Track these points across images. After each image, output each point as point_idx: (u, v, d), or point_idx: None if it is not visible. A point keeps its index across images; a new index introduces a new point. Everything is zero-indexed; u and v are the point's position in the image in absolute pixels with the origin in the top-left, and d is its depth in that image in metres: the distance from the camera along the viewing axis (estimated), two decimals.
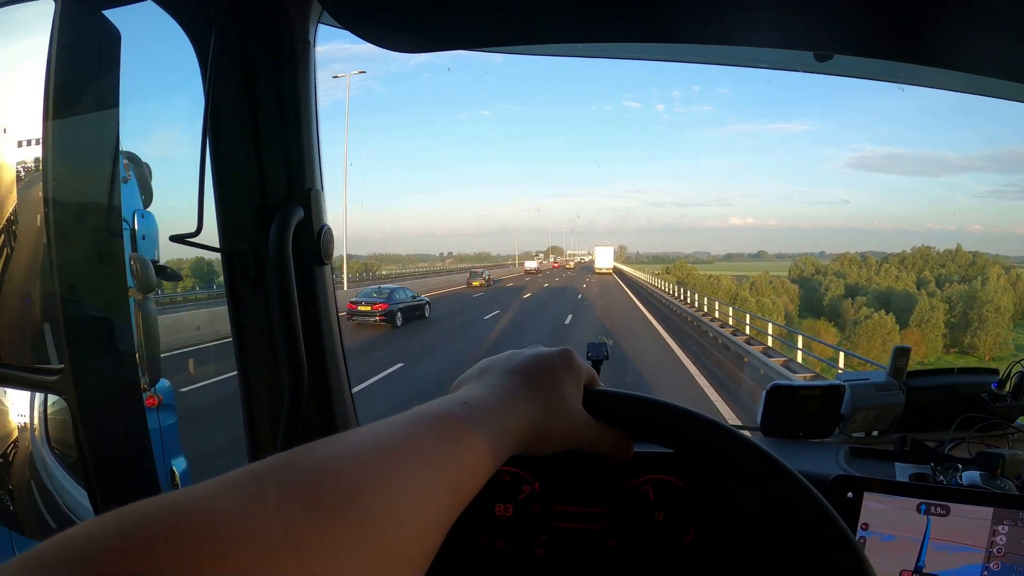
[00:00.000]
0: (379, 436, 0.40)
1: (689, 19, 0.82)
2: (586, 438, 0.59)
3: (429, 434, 0.42)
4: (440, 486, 0.40)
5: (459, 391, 0.54)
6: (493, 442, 0.47)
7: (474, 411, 0.48)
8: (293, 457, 0.36)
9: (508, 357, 0.60)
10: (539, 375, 0.57)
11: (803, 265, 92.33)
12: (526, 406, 0.53)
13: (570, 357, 0.60)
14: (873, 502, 0.89)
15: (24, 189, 0.89)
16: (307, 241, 0.84)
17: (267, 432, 0.88)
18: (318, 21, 0.84)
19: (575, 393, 0.59)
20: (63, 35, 0.82)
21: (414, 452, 0.40)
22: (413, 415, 0.44)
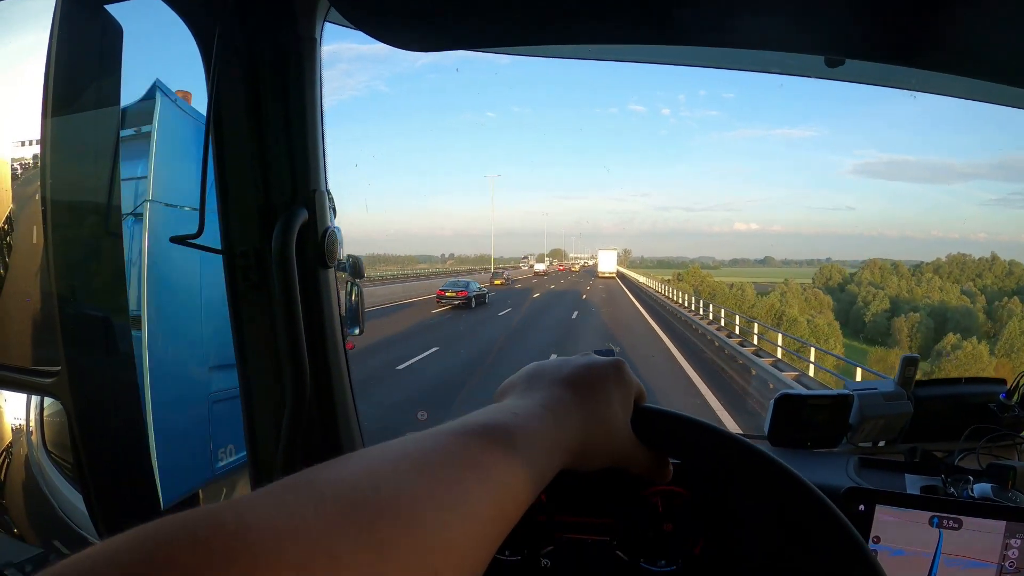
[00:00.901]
0: (425, 447, 0.38)
1: (700, 21, 0.81)
2: (631, 458, 0.57)
3: (477, 446, 0.40)
4: (489, 501, 0.38)
5: (507, 399, 0.51)
6: (544, 456, 0.45)
7: (525, 423, 0.45)
8: (333, 471, 0.33)
9: (559, 365, 0.57)
10: (590, 388, 0.54)
11: (829, 273, 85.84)
12: (576, 420, 0.50)
13: (621, 370, 0.57)
14: (885, 515, 0.88)
15: (22, 187, 0.87)
16: (311, 243, 0.82)
17: (269, 436, 0.87)
18: (325, 18, 0.83)
19: (624, 409, 0.56)
20: (64, 30, 0.80)
21: (461, 465, 0.38)
22: (461, 425, 0.42)
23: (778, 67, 1.06)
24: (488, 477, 0.38)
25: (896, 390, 1.22)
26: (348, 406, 0.91)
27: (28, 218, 0.87)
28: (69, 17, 0.81)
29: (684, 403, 11.13)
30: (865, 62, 0.99)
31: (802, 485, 0.52)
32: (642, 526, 0.89)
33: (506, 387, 0.55)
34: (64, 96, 0.83)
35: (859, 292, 71.63)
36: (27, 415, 0.93)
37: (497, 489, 0.39)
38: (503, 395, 0.54)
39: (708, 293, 67.62)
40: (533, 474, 0.42)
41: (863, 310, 66.45)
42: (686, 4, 0.76)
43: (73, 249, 0.87)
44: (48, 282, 0.83)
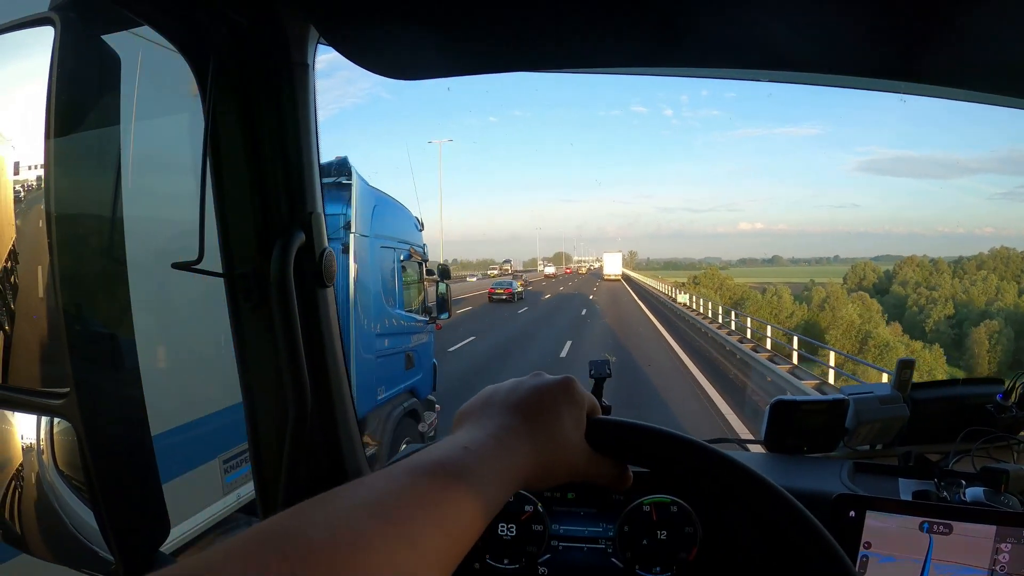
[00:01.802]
0: (379, 489, 0.40)
1: (693, 45, 0.82)
2: (587, 471, 0.59)
3: (429, 484, 0.43)
4: (440, 534, 0.40)
5: (459, 432, 0.53)
6: (495, 484, 0.47)
7: (474, 455, 0.48)
8: (293, 520, 0.36)
9: (510, 389, 0.59)
10: (540, 410, 0.56)
11: (862, 272, 77.46)
12: (527, 445, 0.53)
13: (571, 388, 0.59)
14: (875, 520, 0.89)
15: (26, 210, 0.89)
16: (309, 264, 0.84)
17: (272, 454, 0.89)
18: (317, 43, 0.84)
19: (576, 425, 0.58)
20: (63, 60, 0.82)
21: (413, 504, 0.40)
22: (414, 463, 0.44)
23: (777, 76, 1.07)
24: (440, 514, 0.41)
25: (892, 393, 1.23)
26: (349, 422, 0.92)
27: (33, 242, 0.89)
28: (68, 47, 0.82)
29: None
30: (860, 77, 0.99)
31: (759, 480, 0.53)
32: (637, 534, 0.91)
33: (462, 414, 0.58)
34: (65, 122, 0.85)
35: (907, 294, 64.92)
36: (37, 436, 0.95)
37: (449, 524, 0.41)
38: (460, 422, 0.56)
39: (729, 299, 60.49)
40: (484, 505, 0.45)
41: (918, 316, 57.21)
42: (683, 31, 0.77)
43: (79, 271, 0.88)
44: (55, 305, 0.85)
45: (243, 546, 0.33)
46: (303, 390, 0.84)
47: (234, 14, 0.77)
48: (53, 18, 0.81)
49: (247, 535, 0.34)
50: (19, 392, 0.91)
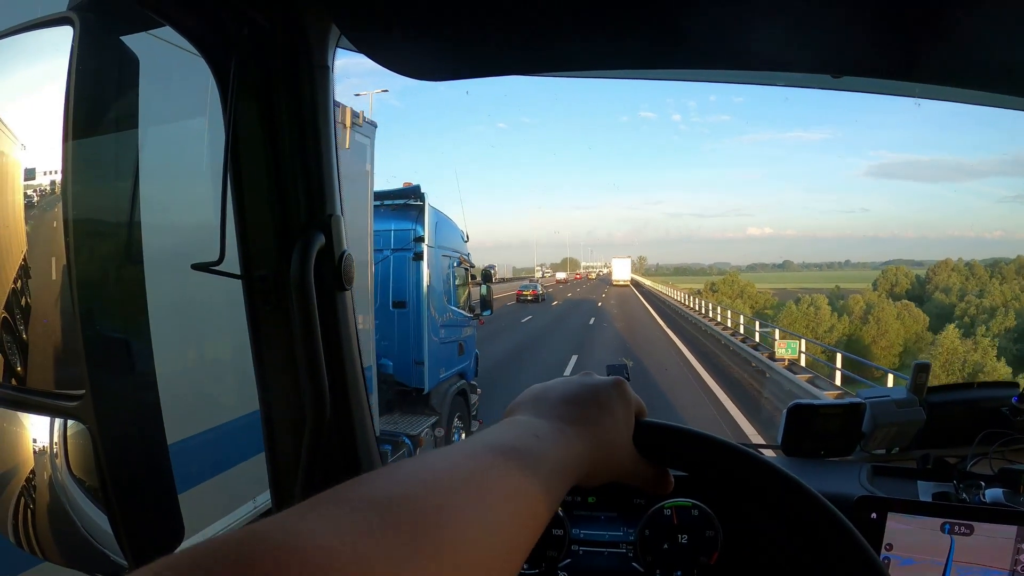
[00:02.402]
0: (458, 464, 0.40)
1: (702, 46, 0.83)
2: (631, 472, 0.59)
3: (508, 464, 0.42)
4: (516, 518, 0.40)
5: (522, 421, 0.53)
6: (561, 478, 0.47)
7: (544, 443, 0.48)
8: (372, 485, 0.35)
9: (564, 385, 0.59)
10: (594, 407, 0.56)
11: (894, 277, 70.09)
12: (584, 440, 0.53)
13: (623, 388, 0.59)
14: (896, 522, 0.88)
15: (43, 212, 0.89)
16: (328, 267, 0.84)
17: (288, 457, 0.88)
18: (336, 46, 0.84)
19: (626, 425, 0.58)
20: (82, 61, 0.82)
21: (495, 481, 0.40)
22: (489, 443, 0.44)
23: (783, 80, 1.07)
24: (516, 496, 0.40)
25: (908, 397, 1.22)
26: (366, 426, 0.92)
27: (50, 245, 0.89)
28: (86, 48, 0.82)
29: None
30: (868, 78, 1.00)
31: (805, 492, 0.53)
32: (658, 538, 0.90)
33: (515, 407, 0.57)
34: (84, 125, 0.85)
35: (951, 301, 57.08)
36: (51, 438, 0.95)
37: (523, 508, 0.41)
38: (511, 413, 0.56)
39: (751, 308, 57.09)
40: (553, 495, 0.45)
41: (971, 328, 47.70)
42: (692, 32, 0.77)
43: (96, 273, 0.88)
44: (71, 308, 0.85)
45: (324, 505, 0.32)
46: (322, 395, 0.83)
47: (256, 14, 0.77)
48: (72, 18, 0.82)
49: (327, 495, 0.33)
50: (34, 394, 0.90)
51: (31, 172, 0.91)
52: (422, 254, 6.69)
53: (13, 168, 0.91)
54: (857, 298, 57.75)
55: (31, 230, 0.92)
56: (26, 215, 0.91)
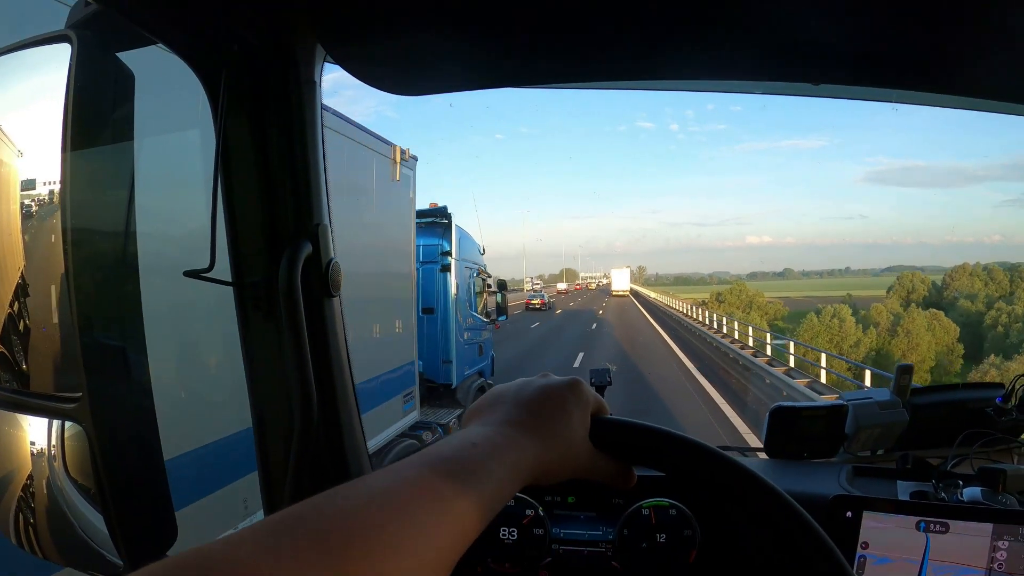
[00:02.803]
0: (388, 482, 0.43)
1: (681, 60, 0.85)
2: (590, 468, 0.60)
3: (437, 478, 0.44)
4: (446, 528, 0.42)
5: (468, 428, 0.55)
6: (501, 480, 0.49)
7: (482, 451, 0.50)
8: (307, 508, 0.39)
9: (519, 388, 0.61)
10: (547, 408, 0.58)
11: (911, 283, 64.31)
12: (533, 441, 0.54)
13: (578, 388, 0.61)
14: (872, 521, 0.90)
15: (42, 221, 0.92)
16: (316, 275, 0.86)
17: (279, 461, 0.90)
18: (324, 61, 0.87)
19: (581, 424, 0.60)
20: (79, 77, 0.85)
21: (422, 497, 0.42)
22: (424, 458, 0.47)
23: (764, 89, 1.09)
24: (447, 509, 0.43)
25: (891, 399, 1.24)
26: (355, 431, 0.94)
27: (48, 253, 0.92)
28: (83, 65, 0.85)
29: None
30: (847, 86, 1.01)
31: (762, 484, 0.55)
32: (636, 537, 0.92)
33: (472, 412, 0.60)
34: (81, 138, 0.88)
35: (978, 309, 52.55)
36: (48, 440, 0.97)
37: (455, 520, 0.43)
38: (469, 420, 0.58)
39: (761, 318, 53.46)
40: (490, 501, 0.47)
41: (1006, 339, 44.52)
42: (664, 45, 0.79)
43: (93, 280, 0.91)
44: (69, 313, 0.88)
45: (257, 532, 0.36)
46: (310, 400, 0.85)
47: (245, 33, 0.80)
48: (70, 35, 0.85)
49: (263, 522, 0.37)
50: (32, 396, 0.93)
51: (31, 183, 0.94)
52: (449, 266, 7.67)
53: (13, 179, 0.94)
54: (880, 308, 53.80)
55: (30, 239, 0.95)
56: (25, 224, 0.94)
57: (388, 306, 5.93)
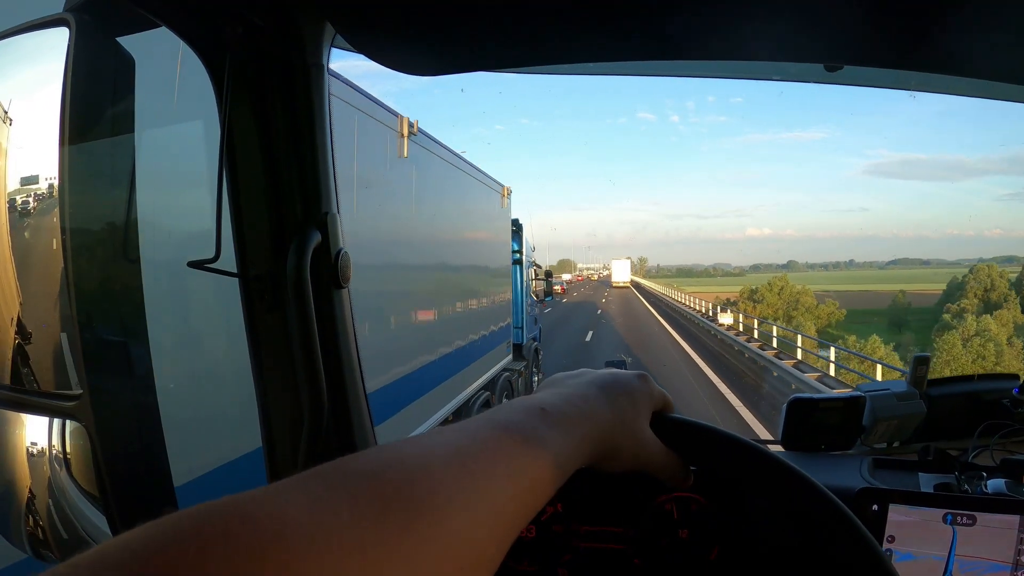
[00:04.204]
0: (456, 441, 0.40)
1: (698, 36, 0.83)
2: (652, 462, 0.59)
3: (507, 440, 0.42)
4: (514, 494, 0.40)
5: (540, 393, 0.54)
6: (568, 451, 0.47)
7: (552, 418, 0.47)
8: (365, 461, 0.35)
9: (581, 372, 0.60)
10: (617, 391, 0.57)
11: (987, 279, 53.53)
12: (603, 417, 0.53)
13: (647, 381, 0.61)
14: (898, 514, 0.88)
15: (41, 215, 0.89)
16: (325, 265, 0.84)
17: (286, 456, 0.88)
18: (331, 44, 0.85)
19: (647, 415, 0.59)
20: (78, 62, 0.83)
21: (490, 459, 0.40)
22: (490, 419, 0.44)
23: (778, 74, 1.07)
24: (516, 473, 0.41)
25: (908, 390, 1.22)
26: (364, 423, 0.92)
27: (47, 246, 0.89)
28: (82, 49, 0.83)
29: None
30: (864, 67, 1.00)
31: (819, 492, 0.53)
32: (657, 534, 0.90)
33: (545, 384, 0.59)
34: (80, 126, 0.85)
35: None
36: (49, 438, 0.95)
37: (523, 485, 0.41)
38: (542, 390, 0.57)
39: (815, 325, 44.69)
40: (557, 470, 0.45)
41: None
42: (684, 21, 0.78)
43: (93, 274, 0.89)
44: (69, 309, 0.85)
45: (308, 482, 0.32)
46: (319, 393, 0.83)
47: (250, 14, 0.77)
48: (68, 19, 0.82)
49: (313, 472, 0.33)
50: (32, 394, 0.90)
51: (28, 174, 0.91)
52: (520, 261, 10.71)
53: (10, 170, 0.91)
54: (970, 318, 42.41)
55: (28, 231, 0.92)
56: (23, 217, 0.91)
57: (500, 286, 9.15)
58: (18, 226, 0.92)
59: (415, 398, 5.01)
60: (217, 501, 0.28)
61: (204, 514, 0.27)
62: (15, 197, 0.91)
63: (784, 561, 0.85)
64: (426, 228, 5.74)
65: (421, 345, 5.35)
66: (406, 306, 5.15)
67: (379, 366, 4.39)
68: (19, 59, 0.90)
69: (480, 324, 7.66)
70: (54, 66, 0.83)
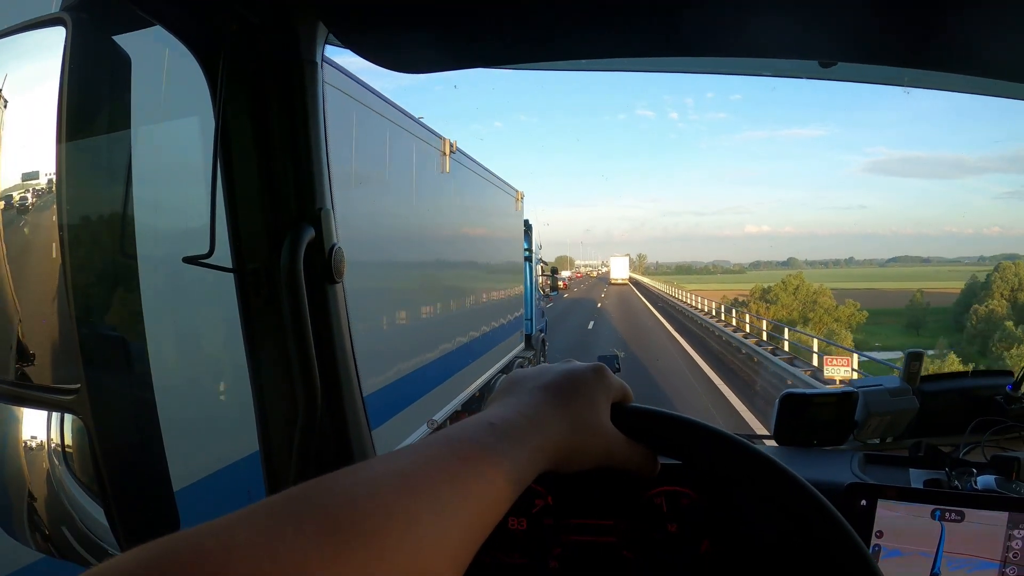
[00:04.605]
0: (402, 464, 0.40)
1: (696, 31, 0.83)
2: (616, 456, 0.58)
3: (453, 459, 0.42)
4: (464, 511, 0.40)
5: (489, 409, 0.53)
6: (520, 463, 0.47)
7: (500, 432, 0.47)
8: (311, 489, 0.36)
9: (538, 372, 0.59)
10: (570, 391, 0.56)
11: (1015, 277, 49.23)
12: (556, 424, 0.52)
13: (602, 373, 0.59)
14: (887, 509, 0.88)
15: (39, 212, 0.90)
16: (318, 260, 0.85)
17: (282, 450, 0.89)
18: (325, 42, 0.85)
19: (606, 410, 0.58)
20: (74, 61, 0.83)
21: (437, 479, 0.40)
22: (439, 438, 0.44)
23: (772, 70, 1.07)
24: (466, 492, 0.41)
25: (901, 386, 1.22)
26: (360, 418, 0.92)
27: (45, 242, 0.90)
28: (78, 48, 0.83)
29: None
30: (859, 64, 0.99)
31: (790, 477, 0.53)
32: (647, 527, 0.90)
33: (494, 396, 0.57)
34: (77, 124, 0.86)
35: None
36: (48, 432, 0.96)
37: (475, 502, 0.41)
38: (491, 403, 0.56)
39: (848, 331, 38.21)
40: (510, 484, 0.45)
41: None
42: (682, 17, 0.78)
43: (90, 270, 0.89)
44: (66, 303, 0.86)
45: (256, 513, 0.33)
46: (313, 387, 0.84)
47: (244, 11, 0.78)
48: (64, 18, 0.83)
49: (264, 503, 0.34)
50: (31, 388, 0.91)
51: (26, 170, 0.92)
52: (529, 259, 11.72)
53: (7, 168, 0.92)
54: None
55: (27, 227, 0.93)
56: (22, 213, 0.92)
57: (516, 281, 10.55)
58: (16, 222, 0.92)
59: (455, 372, 6.70)
60: (180, 533, 0.30)
61: (163, 547, 0.29)
62: (12, 193, 0.92)
63: (773, 555, 0.86)
64: (462, 230, 7.43)
65: (457, 330, 6.87)
66: (446, 297, 6.70)
67: (429, 343, 5.77)
68: (16, 57, 0.90)
69: (500, 314, 9.39)
70: (51, 64, 0.83)
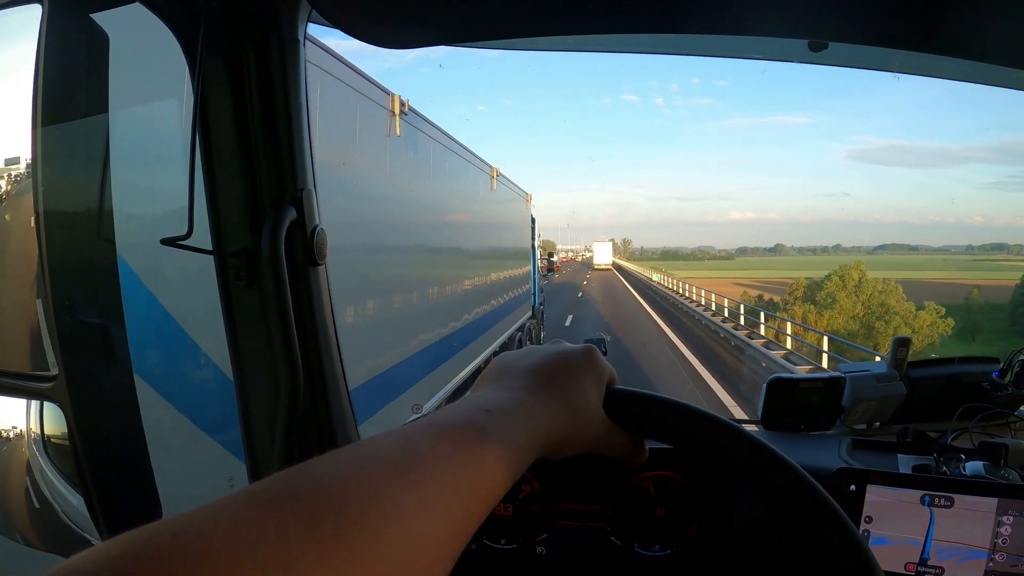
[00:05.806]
0: (392, 449, 0.38)
1: (681, 7, 0.82)
2: (604, 441, 0.56)
3: (447, 445, 0.40)
4: (458, 500, 0.38)
5: (480, 392, 0.51)
6: (515, 450, 0.44)
7: (495, 418, 0.45)
8: (295, 477, 0.34)
9: (527, 354, 0.57)
10: (562, 376, 0.54)
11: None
12: (549, 409, 0.50)
13: (593, 356, 0.57)
14: (876, 495, 0.88)
15: (15, 196, 0.89)
16: (300, 242, 0.83)
17: (264, 433, 0.88)
18: (308, 19, 0.84)
19: (596, 394, 0.56)
20: (51, 40, 0.81)
21: (429, 466, 0.38)
22: (431, 423, 0.42)
23: (761, 52, 1.07)
24: (459, 477, 0.39)
25: (888, 371, 1.22)
26: (343, 401, 0.91)
27: (22, 226, 0.88)
28: (56, 27, 0.82)
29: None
30: (849, 45, 0.99)
31: (781, 461, 0.52)
32: (635, 512, 0.90)
33: (480, 380, 0.55)
34: (54, 105, 0.84)
35: None
36: (27, 420, 0.94)
37: (466, 487, 0.39)
38: (479, 386, 0.54)
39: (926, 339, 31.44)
40: (504, 470, 0.43)
41: None
42: None
43: (67, 255, 0.88)
44: (44, 289, 0.84)
45: (237, 502, 0.31)
46: (296, 370, 0.82)
47: None
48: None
49: (246, 491, 0.32)
50: (7, 376, 0.90)
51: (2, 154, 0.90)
52: (533, 245, 13.36)
53: None
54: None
55: (3, 211, 0.92)
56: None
57: (526, 262, 12.15)
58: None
59: (490, 327, 8.32)
60: (159, 522, 0.28)
61: (136, 541, 0.27)
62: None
63: (763, 539, 0.86)
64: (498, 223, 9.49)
65: (490, 296, 8.56)
66: (483, 272, 8.28)
67: (470, 306, 7.09)
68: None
69: (517, 285, 11.33)
70: (28, 45, 0.81)
